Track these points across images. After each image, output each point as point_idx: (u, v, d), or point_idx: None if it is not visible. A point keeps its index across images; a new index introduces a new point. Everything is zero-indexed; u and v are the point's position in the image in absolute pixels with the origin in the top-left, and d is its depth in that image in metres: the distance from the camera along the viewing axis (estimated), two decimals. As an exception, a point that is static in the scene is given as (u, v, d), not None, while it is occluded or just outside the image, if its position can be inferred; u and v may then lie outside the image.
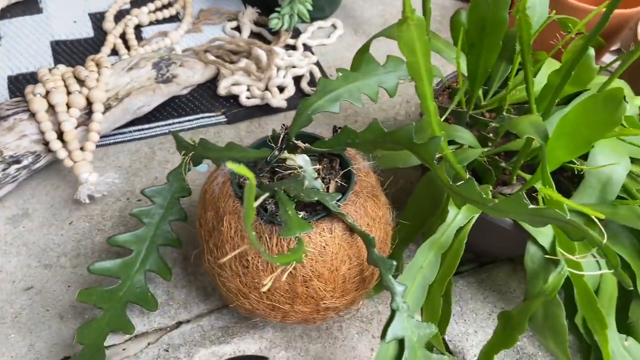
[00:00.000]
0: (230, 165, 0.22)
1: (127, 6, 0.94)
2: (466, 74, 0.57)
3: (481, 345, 0.60)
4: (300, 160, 0.50)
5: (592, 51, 0.46)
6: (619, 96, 0.37)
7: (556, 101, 0.47)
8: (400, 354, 0.45)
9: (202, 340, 0.58)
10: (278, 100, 0.78)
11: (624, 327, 0.56)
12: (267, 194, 0.46)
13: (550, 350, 0.53)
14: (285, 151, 0.50)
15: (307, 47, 0.91)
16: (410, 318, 0.46)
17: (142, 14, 0.90)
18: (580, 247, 0.50)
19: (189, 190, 0.56)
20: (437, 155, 0.47)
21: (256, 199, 0.48)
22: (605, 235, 0.35)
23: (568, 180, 0.58)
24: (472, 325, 0.63)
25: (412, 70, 0.37)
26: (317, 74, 0.85)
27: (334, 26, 0.97)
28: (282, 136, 0.50)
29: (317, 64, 0.88)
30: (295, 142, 0.51)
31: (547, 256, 0.47)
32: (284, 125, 0.53)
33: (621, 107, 0.37)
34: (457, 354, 0.61)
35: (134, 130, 0.76)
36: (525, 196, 0.55)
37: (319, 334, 0.60)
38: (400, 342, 0.45)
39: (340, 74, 0.52)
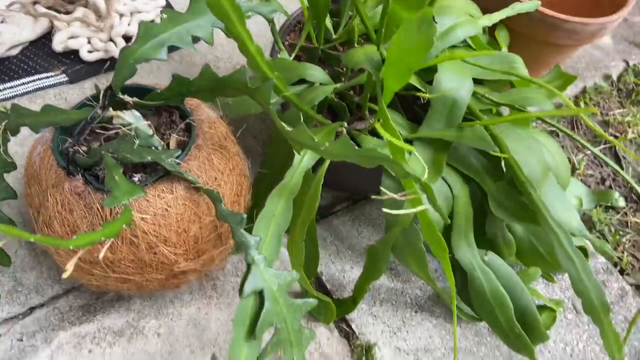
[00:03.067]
0: None
1: None
2: (308, 6, 0.53)
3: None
4: (129, 116, 0.45)
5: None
6: (429, 17, 0.36)
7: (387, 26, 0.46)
8: (261, 306, 0.44)
9: (61, 322, 0.53)
10: (125, 51, 0.71)
11: (484, 242, 0.59)
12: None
13: (413, 272, 0.54)
14: (111, 108, 0.45)
15: (157, -11, 0.83)
16: (268, 268, 0.44)
17: (-49, -38, 0.76)
18: (431, 174, 0.51)
19: (13, 163, 0.49)
20: (273, 101, 0.44)
21: (84, 166, 0.43)
22: (427, 170, 0.34)
23: (421, 108, 0.58)
24: (348, 262, 0.64)
25: (215, 9, 0.33)
26: (170, 19, 0.77)
27: (186, -36, 0.88)
28: (103, 92, 0.45)
29: (168, 5, 0.81)
30: (122, 97, 0.45)
31: (378, 197, 0.46)
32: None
33: (432, 28, 0.36)
34: (335, 292, 0.61)
35: (-45, 102, 0.65)
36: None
37: (192, 296, 0.57)
38: (260, 294, 0.44)
39: (165, 16, 0.47)
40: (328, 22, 0.59)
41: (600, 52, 0.95)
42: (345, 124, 0.54)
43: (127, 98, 0.45)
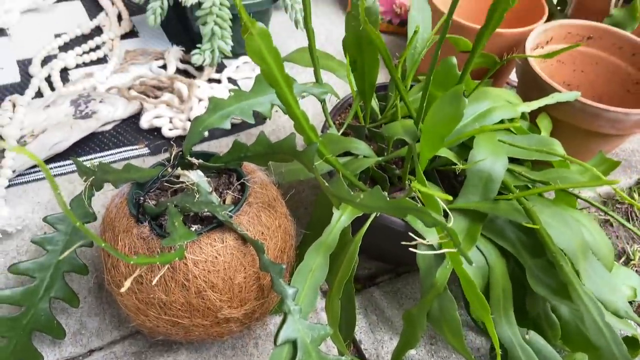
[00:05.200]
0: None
1: (56, 51, 0.97)
2: (356, 89, 0.60)
3: (395, 351, 0.61)
4: (193, 175, 0.52)
5: (453, 59, 0.50)
6: (459, 92, 0.41)
7: (427, 105, 0.51)
8: (294, 356, 0.46)
9: (114, 366, 0.58)
10: (199, 130, 0.81)
11: (526, 322, 0.58)
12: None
13: (450, 344, 0.54)
14: (179, 168, 0.52)
15: (232, 81, 0.95)
16: (303, 320, 0.47)
17: (69, 57, 0.93)
18: (466, 243, 0.53)
19: (94, 215, 0.57)
20: (317, 163, 0.50)
21: (151, 215, 0.50)
22: (452, 218, 0.37)
23: (460, 184, 0.61)
24: (387, 333, 0.64)
25: (267, 76, 0.40)
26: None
27: (259, 60, 1.01)
28: (173, 154, 0.52)
29: (241, 95, 0.91)
30: (189, 159, 0.53)
31: (407, 244, 0.47)
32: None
33: (462, 102, 0.41)
34: (373, 362, 0.62)
35: (55, 167, 0.77)
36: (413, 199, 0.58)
37: (235, 352, 0.60)
38: (294, 344, 0.46)
39: (232, 94, 0.55)
40: (375, 104, 0.65)
41: (657, 145, 0.95)
42: (386, 194, 0.58)
43: (193, 160, 0.53)
